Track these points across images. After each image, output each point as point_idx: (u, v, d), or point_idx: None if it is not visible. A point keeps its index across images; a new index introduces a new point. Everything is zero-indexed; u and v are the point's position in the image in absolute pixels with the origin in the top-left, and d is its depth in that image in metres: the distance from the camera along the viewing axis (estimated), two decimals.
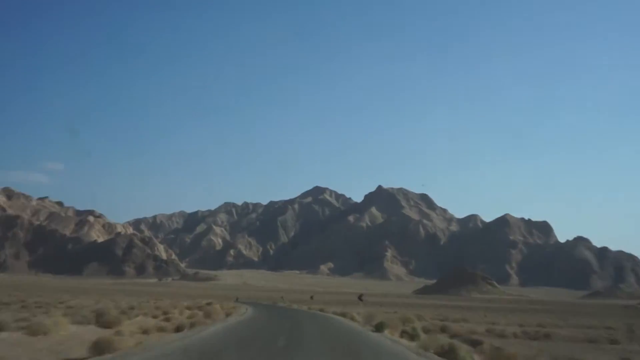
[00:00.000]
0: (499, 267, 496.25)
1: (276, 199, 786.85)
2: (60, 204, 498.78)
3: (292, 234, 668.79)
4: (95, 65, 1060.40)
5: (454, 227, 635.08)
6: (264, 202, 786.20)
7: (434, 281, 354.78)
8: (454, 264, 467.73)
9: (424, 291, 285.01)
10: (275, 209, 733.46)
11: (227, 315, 37.36)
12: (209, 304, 50.85)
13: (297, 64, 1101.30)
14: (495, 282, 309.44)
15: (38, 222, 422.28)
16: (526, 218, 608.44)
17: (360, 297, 57.18)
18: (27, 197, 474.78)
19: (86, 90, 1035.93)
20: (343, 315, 43.22)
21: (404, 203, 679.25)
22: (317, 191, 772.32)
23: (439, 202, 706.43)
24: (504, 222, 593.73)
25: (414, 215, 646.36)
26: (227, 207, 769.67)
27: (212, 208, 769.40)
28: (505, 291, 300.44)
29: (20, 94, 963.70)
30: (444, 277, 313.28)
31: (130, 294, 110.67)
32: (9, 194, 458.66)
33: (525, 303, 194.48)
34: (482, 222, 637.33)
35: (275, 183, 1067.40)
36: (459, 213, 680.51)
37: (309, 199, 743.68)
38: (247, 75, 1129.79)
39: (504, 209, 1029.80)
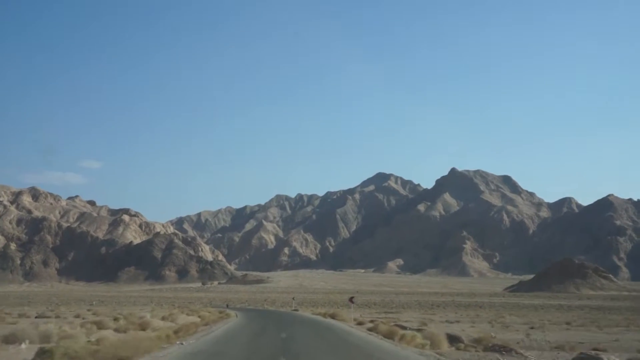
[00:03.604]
0: (603, 259, 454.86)
1: (334, 189, 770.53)
2: (92, 203, 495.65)
3: (353, 227, 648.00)
4: (134, 54, 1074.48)
5: (544, 213, 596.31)
6: (320, 193, 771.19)
7: (523, 277, 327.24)
8: (546, 256, 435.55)
9: (519, 288, 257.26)
10: (334, 201, 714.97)
11: None
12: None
13: (352, 35, 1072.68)
14: (611, 276, 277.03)
15: (67, 224, 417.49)
16: (635, 199, 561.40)
17: (351, 299, 57.66)
18: (56, 197, 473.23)
19: (124, 81, 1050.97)
20: None
21: (482, 187, 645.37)
22: (380, 178, 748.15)
23: (524, 184, 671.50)
24: (606, 204, 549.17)
25: (495, 200, 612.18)
26: (279, 201, 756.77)
27: (262, 202, 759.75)
28: (625, 286, 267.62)
29: (52, 85, 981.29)
30: (544, 271, 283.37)
31: (135, 303, 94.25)
32: (35, 194, 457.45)
33: None
34: (579, 205, 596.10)
35: (332, 171, 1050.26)
36: (549, 197, 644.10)
37: (372, 188, 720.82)
38: (297, 50, 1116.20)
39: (606, 190, 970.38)
